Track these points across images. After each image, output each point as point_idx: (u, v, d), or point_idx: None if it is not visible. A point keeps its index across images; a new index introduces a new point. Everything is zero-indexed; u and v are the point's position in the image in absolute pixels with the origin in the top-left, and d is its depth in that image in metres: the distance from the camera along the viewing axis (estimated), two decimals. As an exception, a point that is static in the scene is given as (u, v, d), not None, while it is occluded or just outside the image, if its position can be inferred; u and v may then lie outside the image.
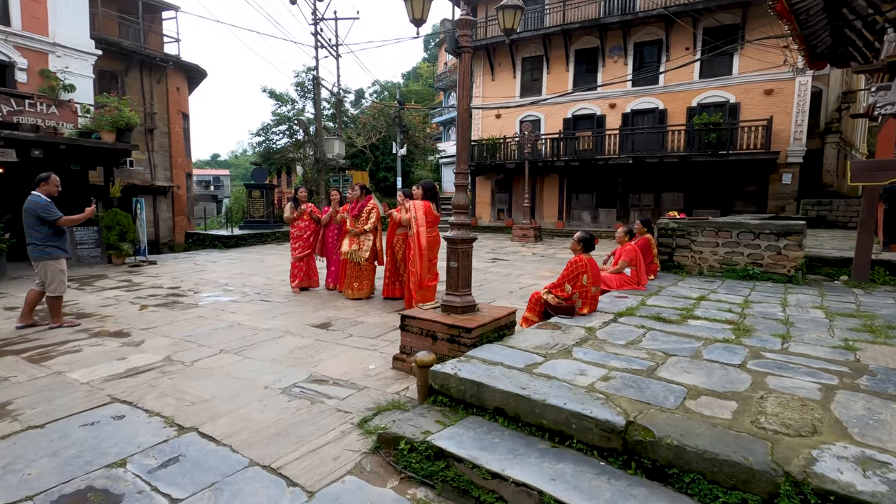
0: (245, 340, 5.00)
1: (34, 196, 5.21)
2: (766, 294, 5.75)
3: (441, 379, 3.10)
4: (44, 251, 5.20)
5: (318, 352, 4.62)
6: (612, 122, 17.66)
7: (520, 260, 11.44)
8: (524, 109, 19.56)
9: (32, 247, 5.20)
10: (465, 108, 3.97)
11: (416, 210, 5.88)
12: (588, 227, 18.25)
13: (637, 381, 2.96)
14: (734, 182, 15.78)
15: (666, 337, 3.95)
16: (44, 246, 5.19)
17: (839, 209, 13.33)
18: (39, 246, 5.19)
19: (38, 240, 5.18)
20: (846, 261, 6.65)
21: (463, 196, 4.07)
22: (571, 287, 4.67)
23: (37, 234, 5.17)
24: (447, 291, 4.10)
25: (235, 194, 45.25)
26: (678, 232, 7.13)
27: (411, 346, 4.07)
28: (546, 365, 3.24)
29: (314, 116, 17.16)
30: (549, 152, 18.07)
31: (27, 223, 5.16)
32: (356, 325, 5.56)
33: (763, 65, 14.96)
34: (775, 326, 4.33)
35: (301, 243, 7.37)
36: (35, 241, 5.19)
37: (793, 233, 6.28)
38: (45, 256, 5.20)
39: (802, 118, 14.76)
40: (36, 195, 5.22)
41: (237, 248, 14.07)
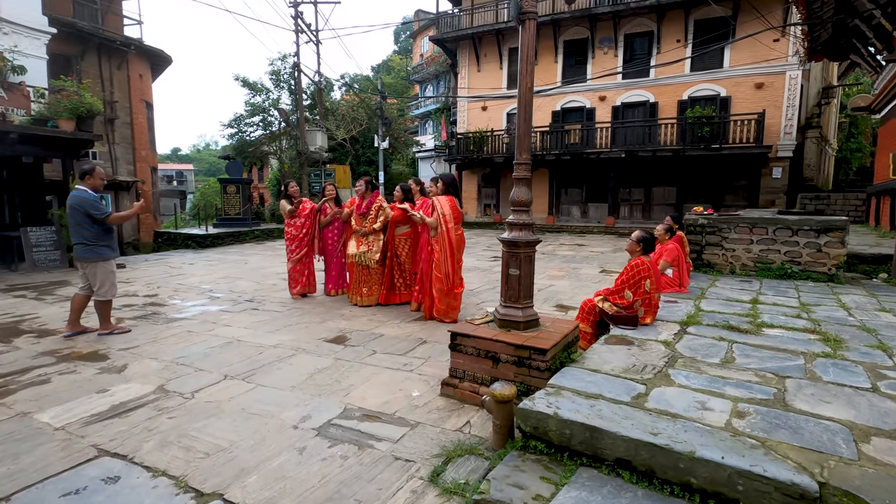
0: (251, 362, 4.24)
1: (80, 191, 4.81)
2: (816, 295, 5.38)
3: (535, 420, 2.47)
4: (95, 251, 4.83)
5: (344, 375, 3.92)
6: (602, 115, 17.34)
7: (522, 258, 10.89)
8: (511, 102, 19.01)
9: (82, 247, 4.82)
10: (528, 85, 3.33)
11: (442, 206, 5.23)
12: (577, 222, 17.95)
13: (778, 416, 2.42)
14: (725, 176, 15.73)
15: (757, 352, 3.45)
16: (95, 246, 4.82)
17: (837, 203, 13.40)
18: (90, 245, 4.81)
19: (89, 239, 4.80)
20: (883, 258, 6.39)
21: (525, 191, 3.45)
22: (633, 294, 4.12)
23: (86, 232, 4.78)
24: (505, 303, 3.47)
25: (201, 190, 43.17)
26: (708, 229, 6.71)
27: (465, 370, 3.43)
28: (654, 395, 2.67)
29: (294, 107, 16.12)
30: (539, 146, 17.62)
31: (75, 221, 4.78)
32: (376, 339, 4.87)
33: (754, 58, 14.90)
34: (861, 335, 3.90)
35: (297, 244, 6.58)
36: (85, 241, 4.80)
37: (834, 229, 5.94)
38: (97, 257, 4.84)
39: (793, 112, 14.79)
40: (82, 189, 4.82)
41: (214, 249, 13.01)
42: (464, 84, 20.04)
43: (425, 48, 36.64)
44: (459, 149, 19.24)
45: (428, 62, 33.47)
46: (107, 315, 5.05)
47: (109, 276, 4.96)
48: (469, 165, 19.24)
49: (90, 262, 4.86)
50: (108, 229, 4.98)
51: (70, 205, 4.82)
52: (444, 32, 19.63)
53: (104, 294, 4.94)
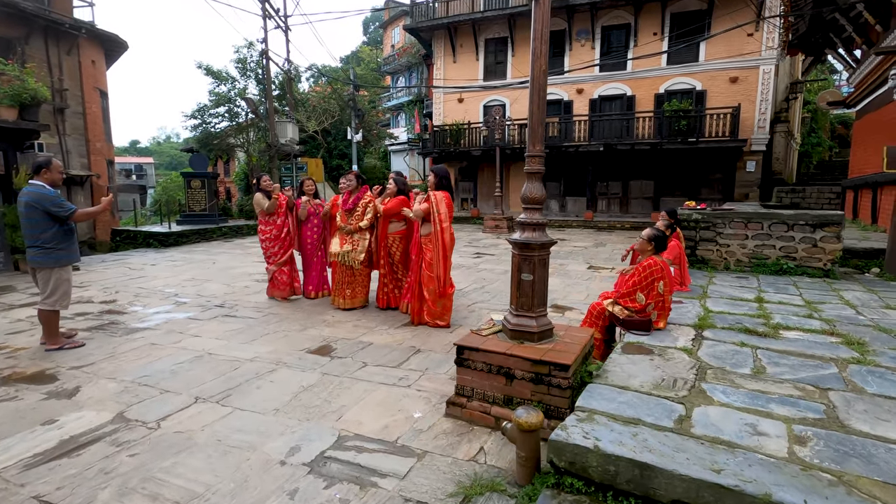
0: (227, 379, 3.75)
1: (36, 187, 4.20)
2: (817, 292, 5.25)
3: (571, 454, 2.13)
4: (52, 256, 4.24)
5: (334, 393, 3.49)
6: (580, 108, 17.21)
7: (506, 254, 10.61)
8: (488, 93, 18.70)
9: (37, 250, 4.22)
10: (542, 67, 2.97)
11: (437, 203, 4.83)
12: (556, 216, 17.81)
13: (842, 441, 2.15)
14: (701, 170, 15.85)
15: (784, 359, 3.22)
16: (53, 250, 4.23)
17: (811, 196, 13.65)
18: (47, 249, 4.22)
19: (46, 241, 4.20)
20: (874, 252, 6.36)
21: (538, 187, 3.09)
22: (645, 297, 3.84)
23: (44, 234, 4.19)
24: (517, 311, 3.12)
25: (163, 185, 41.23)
26: (702, 224, 6.55)
27: (474, 388, 3.06)
28: (697, 418, 2.37)
29: (264, 97, 15.26)
30: (518, 139, 17.35)
31: (31, 221, 4.19)
32: (365, 349, 4.45)
33: (729, 52, 15.00)
34: (881, 337, 3.73)
35: (280, 245, 6.06)
36: (42, 244, 4.20)
37: (830, 224, 5.85)
38: (54, 263, 4.26)
39: (766, 106, 14.98)
40: (38, 185, 4.20)
41: (178, 248, 12.20)
42: (439, 75, 19.56)
43: (397, 39, 35.86)
44: (436, 142, 18.79)
45: (400, 53, 32.76)
46: (54, 328, 4.44)
47: (63, 284, 4.38)
48: (445, 159, 18.82)
49: (45, 267, 4.29)
50: (70, 229, 4.41)
51: (25, 202, 4.20)
52: (418, 21, 19.09)
53: (53, 304, 4.34)
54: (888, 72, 7.47)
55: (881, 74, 8.03)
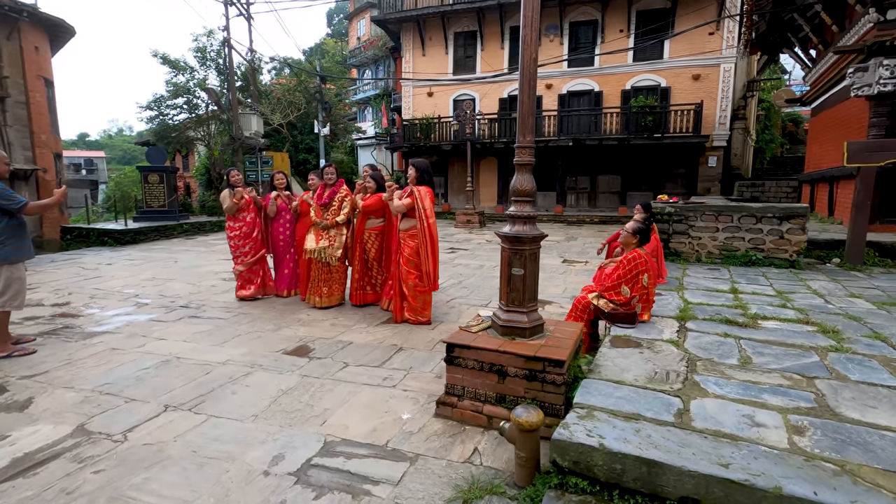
0: (198, 385, 3.53)
1: None
2: (785, 282, 5.42)
3: (575, 453, 2.07)
4: (2, 252, 3.91)
5: (316, 396, 3.33)
6: (548, 103, 17.34)
7: (480, 249, 10.58)
8: (458, 87, 18.59)
9: None
10: (531, 55, 2.88)
11: (421, 198, 4.70)
12: (526, 210, 17.92)
13: (837, 430, 2.17)
14: (666, 165, 16.27)
15: (768, 349, 3.27)
16: (2, 245, 3.90)
17: (770, 190, 14.21)
18: None
19: None
20: (835, 243, 6.63)
21: (529, 179, 3.02)
22: (630, 290, 3.84)
23: None
24: (507, 307, 3.04)
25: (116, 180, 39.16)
26: (675, 217, 6.67)
27: (465, 387, 2.97)
28: (696, 411, 2.35)
29: (226, 88, 14.59)
30: (487, 133, 17.34)
31: None
32: (345, 349, 4.28)
33: (692, 50, 15.41)
34: (852, 325, 3.85)
35: (252, 243, 5.78)
36: None
37: (796, 216, 6.06)
38: (3, 260, 3.93)
39: (727, 104, 15.50)
40: None
41: (136, 246, 11.57)
42: (408, 69, 19.31)
43: (362, 31, 35.27)
44: (405, 136, 18.56)
45: (366, 46, 32.23)
46: (3, 332, 4.08)
47: (15, 282, 4.03)
48: (415, 153, 18.61)
49: None
50: (21, 224, 4.09)
51: None
52: (386, 13, 18.75)
53: (3, 304, 3.99)
54: (845, 70, 7.81)
55: (837, 73, 8.40)
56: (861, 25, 7.15)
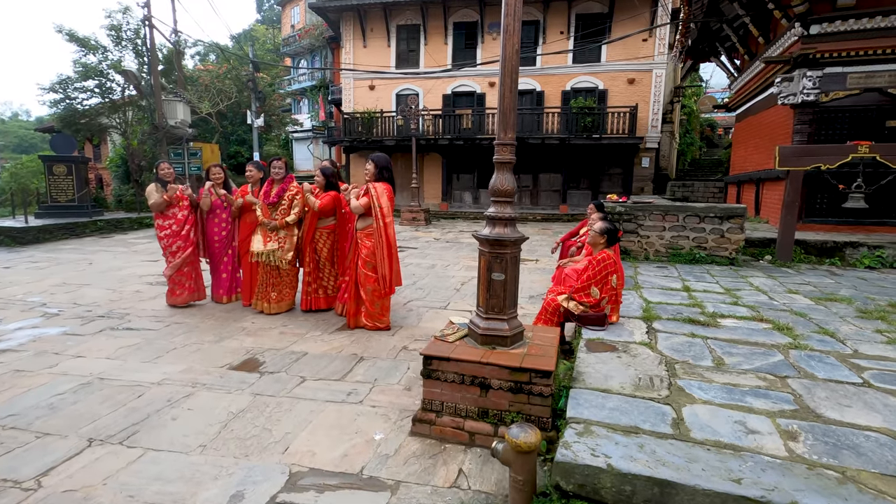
0: (129, 412, 3.04)
1: None
2: (729, 279, 5.68)
3: (581, 476, 1.92)
4: None
5: (273, 418, 2.97)
6: (493, 101, 17.40)
7: (428, 247, 10.37)
8: (401, 82, 18.19)
9: None
10: (514, 47, 2.70)
11: (378, 196, 4.41)
12: (470, 208, 17.96)
13: (826, 433, 2.19)
14: (603, 164, 16.89)
15: (734, 348, 3.33)
16: None
17: (699, 190, 15.11)
18: None
19: None
20: (766, 241, 7.08)
21: (509, 178, 2.85)
22: (599, 291, 3.80)
23: None
24: (487, 314, 2.86)
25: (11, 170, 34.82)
26: (625, 216, 6.82)
27: (444, 402, 2.75)
28: (689, 420, 2.29)
29: (147, 71, 13.19)
30: (431, 130, 17.12)
31: None
32: (300, 361, 3.92)
33: (627, 55, 16.07)
34: (799, 320, 4.05)
35: (181, 242, 5.18)
36: None
37: (734, 216, 6.39)
38: None
39: (658, 107, 16.32)
40: None
41: (40, 246, 10.22)
42: (348, 60, 18.63)
43: (297, 18, 33.71)
44: (346, 130, 17.91)
45: (302, 34, 30.85)
46: None
47: None
48: (357, 148, 18.03)
49: None
50: None
51: None
52: (325, 0, 17.94)
53: None
54: (770, 79, 8.39)
55: (763, 81, 9.03)
56: (787, 38, 7.70)
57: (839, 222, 7.46)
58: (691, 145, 29.70)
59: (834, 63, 6.72)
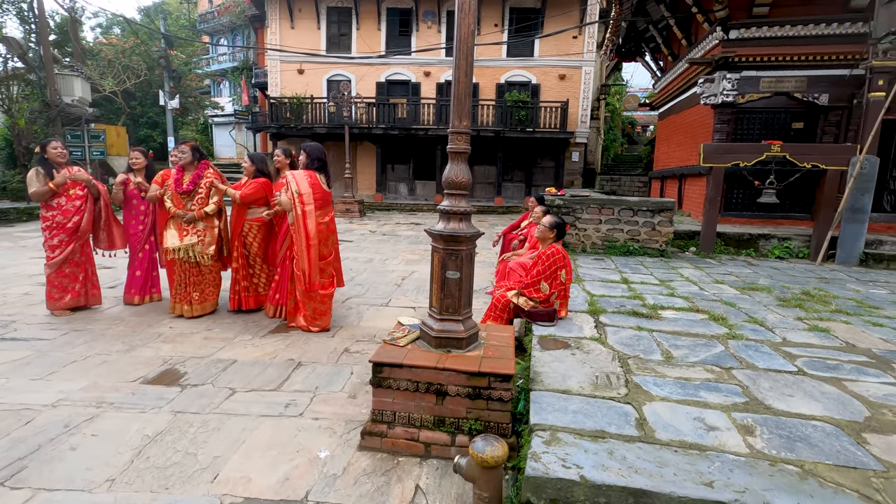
0: (14, 443, 2.54)
1: None
2: (661, 271, 5.92)
3: (553, 490, 1.80)
4: None
5: (199, 440, 2.60)
6: (427, 91, 17.17)
7: (365, 241, 10.01)
8: (332, 67, 17.41)
9: None
10: (469, 27, 2.51)
11: (297, 182, 4.05)
12: (405, 200, 17.68)
13: (779, 425, 2.24)
14: (536, 158, 17.25)
15: (679, 340, 3.41)
16: None
17: (626, 184, 15.86)
18: None
19: None
20: (690, 234, 7.49)
21: (464, 170, 2.67)
22: (549, 286, 3.74)
23: None
24: (441, 315, 2.67)
25: None
26: (563, 209, 6.91)
27: (396, 411, 2.54)
28: (651, 419, 2.26)
29: (35, 40, 11.40)
30: (365, 119, 16.56)
31: None
32: (228, 370, 3.51)
33: (559, 51, 16.47)
34: (730, 310, 4.26)
35: (65, 235, 4.41)
36: None
37: (665, 209, 6.67)
38: None
39: (587, 104, 16.92)
40: None
41: None
42: (274, 41, 17.52)
43: (218, -7, 31.31)
44: (273, 115, 16.87)
45: (221, 11, 28.70)
46: None
47: None
48: (285, 135, 17.05)
49: None
50: None
51: None
52: (247, -25, 16.72)
53: None
54: (692, 80, 8.88)
55: (685, 82, 9.56)
56: (708, 41, 8.16)
57: (753, 216, 8.09)
58: (614, 141, 31.30)
59: (750, 67, 7.19)
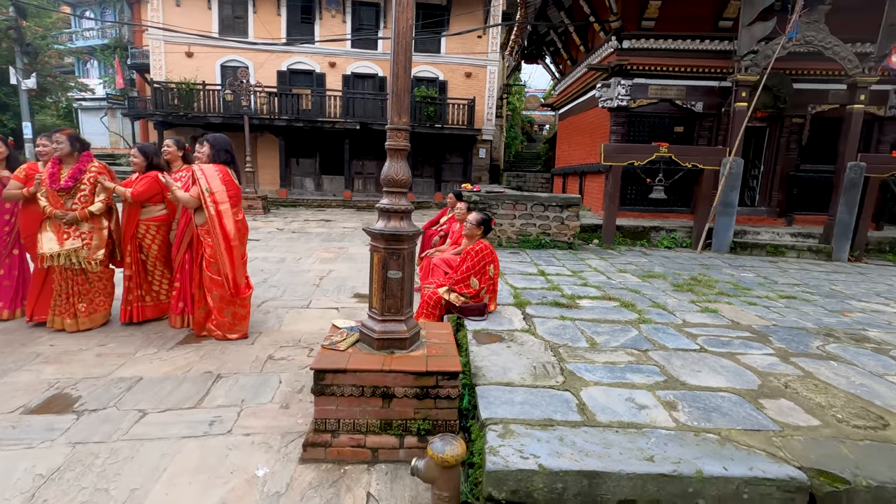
0: None
1: None
2: (572, 262, 6.33)
3: (514, 482, 1.85)
4: None
5: (108, 474, 2.28)
6: (333, 83, 16.59)
7: (273, 239, 9.45)
8: (226, 52, 16.09)
9: None
10: (408, 21, 2.46)
11: (207, 179, 3.72)
12: (312, 195, 16.98)
13: (696, 399, 2.51)
14: (445, 154, 17.49)
15: (599, 327, 3.68)
16: None
17: (531, 181, 16.62)
18: None
19: None
20: (593, 227, 8.09)
21: (404, 167, 2.62)
22: (479, 281, 3.83)
23: None
24: (383, 316, 2.61)
25: None
26: (480, 205, 7.09)
27: (341, 419, 2.44)
28: (590, 403, 2.41)
29: None
30: (266, 109, 15.55)
31: None
32: (133, 389, 3.12)
33: (464, 49, 16.81)
34: (637, 297, 4.68)
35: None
36: None
37: (572, 205, 7.14)
38: None
39: (493, 102, 17.50)
40: None
41: None
42: (156, 18, 15.75)
43: (79, -41, 27.38)
44: (158, 102, 15.18)
45: (84, -20, 25.16)
46: None
47: None
48: (173, 124, 15.42)
49: None
50: None
51: None
52: (120, -58, 14.81)
53: None
54: (590, 83, 9.57)
55: (584, 85, 10.28)
56: (605, 49, 8.84)
57: (645, 210, 8.95)
58: (515, 139, 32.72)
59: (641, 75, 7.92)
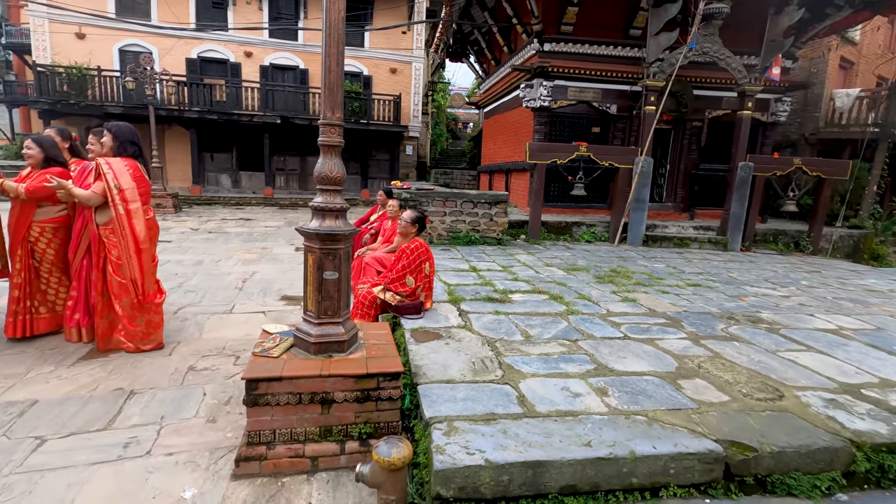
0: None
1: None
2: (502, 258, 6.50)
3: (462, 479, 1.86)
4: None
5: (2, 513, 2.00)
6: (250, 74, 15.69)
7: (186, 239, 8.76)
8: (126, 35, 14.62)
9: None
10: (340, 11, 2.37)
11: (115, 175, 3.39)
12: (229, 192, 15.98)
13: (623, 384, 2.68)
14: (371, 150, 17.20)
15: (531, 320, 3.81)
16: None
17: (458, 178, 16.77)
18: None
19: None
20: (520, 223, 8.35)
21: (338, 164, 2.54)
22: (414, 280, 3.81)
23: None
24: (320, 319, 2.52)
25: None
26: (411, 202, 7.06)
27: (277, 429, 2.32)
28: (529, 395, 2.49)
29: None
30: (175, 100, 14.34)
31: None
32: (28, 414, 2.75)
33: (389, 45, 16.62)
34: (564, 290, 4.90)
35: None
36: None
37: (500, 201, 7.32)
38: None
39: (419, 98, 17.46)
40: None
41: None
42: (37, -7, 13.94)
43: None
44: (43, 88, 13.45)
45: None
46: None
47: None
48: (62, 113, 13.72)
49: None
50: None
51: None
52: None
53: None
54: (514, 83, 9.85)
55: (509, 85, 10.56)
56: (527, 50, 9.14)
57: (567, 206, 9.40)
58: (441, 136, 32.94)
59: (561, 77, 8.28)
